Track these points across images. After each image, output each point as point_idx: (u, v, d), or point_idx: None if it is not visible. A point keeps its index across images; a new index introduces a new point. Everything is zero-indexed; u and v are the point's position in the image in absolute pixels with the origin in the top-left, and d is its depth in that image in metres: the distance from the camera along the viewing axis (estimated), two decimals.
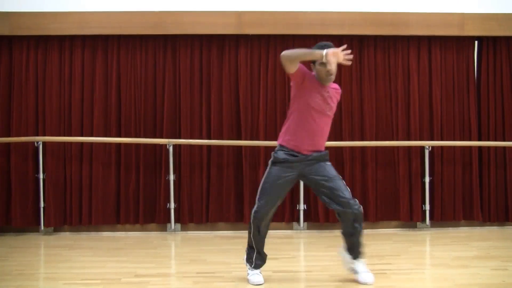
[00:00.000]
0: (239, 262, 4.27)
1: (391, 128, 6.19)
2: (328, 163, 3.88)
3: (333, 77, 3.77)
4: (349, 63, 3.68)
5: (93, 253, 5.05)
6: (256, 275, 3.84)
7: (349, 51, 3.63)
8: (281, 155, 3.79)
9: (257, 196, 3.80)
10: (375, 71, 6.22)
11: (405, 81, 6.24)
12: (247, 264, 3.91)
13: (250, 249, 3.91)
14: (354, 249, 3.85)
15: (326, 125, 3.85)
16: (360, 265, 3.86)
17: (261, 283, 3.80)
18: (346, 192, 3.75)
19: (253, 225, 3.79)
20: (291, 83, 3.82)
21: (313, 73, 3.82)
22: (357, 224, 3.76)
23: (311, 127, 3.76)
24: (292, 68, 3.64)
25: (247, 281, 3.84)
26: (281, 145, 3.83)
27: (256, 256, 3.87)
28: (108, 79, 6.11)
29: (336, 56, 3.55)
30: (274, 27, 6.05)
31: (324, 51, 3.53)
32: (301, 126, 3.76)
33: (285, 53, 3.62)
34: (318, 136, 3.82)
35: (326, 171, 3.80)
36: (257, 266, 3.89)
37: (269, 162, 3.86)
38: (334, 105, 3.85)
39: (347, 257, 3.90)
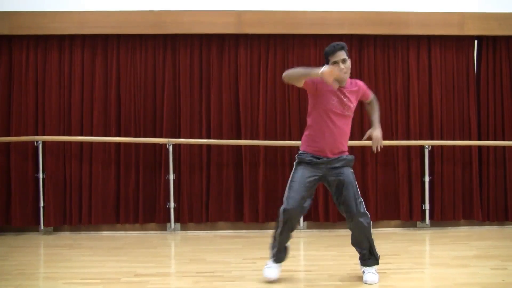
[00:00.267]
0: (239, 262, 4.28)
1: (391, 127, 6.19)
2: (351, 170, 3.91)
3: (346, 76, 3.80)
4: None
5: (93, 252, 5.05)
6: (270, 269, 3.88)
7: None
8: (306, 156, 3.84)
9: (285, 195, 3.82)
10: (375, 70, 6.22)
11: (405, 81, 6.24)
12: (270, 255, 3.95)
13: (273, 242, 3.93)
14: (365, 259, 3.91)
15: (346, 126, 3.88)
16: (368, 268, 3.89)
17: (270, 277, 3.83)
18: (359, 200, 3.80)
19: (281, 223, 3.81)
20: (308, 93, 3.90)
21: None
22: (367, 232, 3.84)
23: (331, 130, 3.80)
24: (299, 84, 3.75)
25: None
26: (304, 151, 3.87)
27: (276, 251, 3.91)
28: (108, 79, 6.10)
29: (331, 74, 3.57)
30: (274, 26, 6.05)
31: (320, 71, 3.56)
32: (321, 131, 3.81)
33: (284, 75, 3.76)
34: (339, 138, 3.85)
35: (347, 178, 3.83)
36: (277, 260, 3.92)
37: (294, 163, 3.90)
38: (352, 105, 3.87)
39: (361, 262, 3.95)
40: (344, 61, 3.76)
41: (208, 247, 5.23)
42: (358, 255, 3.95)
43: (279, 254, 3.92)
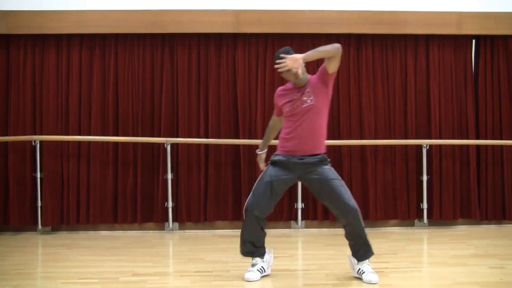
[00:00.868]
0: (237, 261, 4.27)
1: (389, 126, 6.19)
2: (327, 166, 3.88)
3: (300, 77, 3.74)
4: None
5: (91, 252, 5.05)
6: (249, 272, 3.87)
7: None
8: (277, 156, 3.89)
9: (251, 192, 3.87)
10: (373, 70, 6.22)
11: (403, 80, 6.24)
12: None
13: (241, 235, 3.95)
14: (357, 252, 3.87)
15: (313, 122, 3.81)
16: (365, 266, 3.86)
17: (249, 279, 3.82)
18: (345, 196, 3.76)
19: (244, 218, 3.86)
20: None
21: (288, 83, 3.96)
22: (356, 226, 3.79)
23: (297, 131, 3.81)
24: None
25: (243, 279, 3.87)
26: (276, 153, 3.92)
27: (240, 243, 3.93)
28: (106, 78, 6.10)
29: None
30: (272, 26, 6.05)
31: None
32: (288, 133, 3.86)
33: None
34: (309, 137, 3.82)
35: (325, 175, 3.81)
36: (247, 254, 3.93)
37: (268, 163, 3.95)
38: (310, 98, 3.80)
39: (353, 260, 3.91)
40: None
41: (206, 246, 5.23)
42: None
43: (243, 247, 3.93)
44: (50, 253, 5.06)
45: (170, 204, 5.98)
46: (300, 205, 6.02)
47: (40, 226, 5.92)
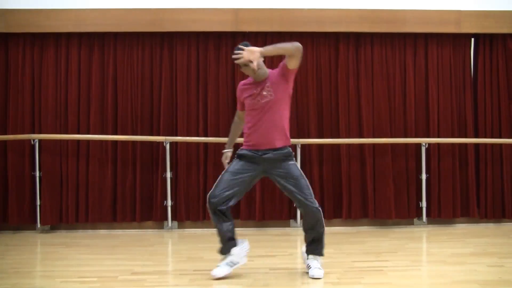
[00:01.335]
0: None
1: (388, 125, 6.19)
2: (292, 162, 3.90)
3: (259, 71, 3.81)
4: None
5: (90, 250, 5.04)
6: (217, 268, 3.89)
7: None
8: (242, 151, 3.93)
9: (214, 184, 3.89)
10: (372, 68, 6.22)
11: (402, 78, 6.24)
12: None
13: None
14: (311, 246, 3.97)
15: (273, 116, 3.82)
16: (313, 261, 3.94)
17: (215, 275, 3.85)
18: (306, 192, 3.82)
19: (210, 213, 3.87)
20: None
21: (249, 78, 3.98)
22: (315, 223, 3.88)
23: (256, 125, 3.85)
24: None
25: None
26: (241, 148, 3.97)
27: (219, 241, 3.94)
28: (105, 77, 6.09)
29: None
30: (271, 24, 6.05)
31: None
32: (249, 127, 3.91)
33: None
34: (270, 131, 3.83)
35: (288, 171, 3.84)
36: (221, 251, 3.94)
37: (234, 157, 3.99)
38: (270, 93, 3.83)
39: (304, 253, 4.01)
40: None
41: (205, 245, 5.23)
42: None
43: (221, 244, 3.93)
44: (49, 252, 5.06)
45: (169, 202, 5.97)
46: None
47: (39, 225, 5.92)
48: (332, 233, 5.78)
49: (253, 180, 3.95)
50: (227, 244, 3.92)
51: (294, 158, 3.95)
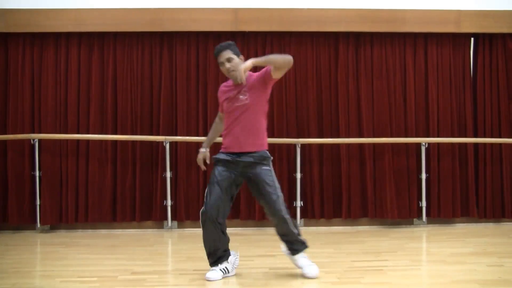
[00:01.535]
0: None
1: (388, 125, 6.19)
2: (266, 167, 3.85)
3: (236, 73, 3.75)
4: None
5: (90, 250, 5.04)
6: (211, 271, 3.85)
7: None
8: (218, 155, 3.89)
9: (205, 197, 3.83)
10: (372, 68, 6.22)
11: (402, 78, 6.25)
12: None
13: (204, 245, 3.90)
14: (291, 245, 3.94)
15: (249, 119, 3.79)
16: (300, 259, 3.91)
17: (209, 278, 3.81)
18: (276, 203, 3.77)
19: (202, 225, 3.80)
20: None
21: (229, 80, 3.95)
22: (286, 231, 3.85)
23: (231, 127, 3.83)
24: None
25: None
26: (220, 152, 3.93)
27: (207, 254, 3.88)
28: (104, 76, 6.09)
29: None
30: (271, 24, 6.04)
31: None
32: (225, 130, 3.89)
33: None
34: (245, 134, 3.80)
35: (260, 176, 3.81)
36: (215, 264, 3.87)
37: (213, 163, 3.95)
38: (246, 96, 3.81)
39: (288, 253, 3.99)
40: (229, 60, 3.79)
41: None
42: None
43: (210, 257, 3.87)
44: (49, 252, 5.06)
45: (169, 202, 5.97)
46: (299, 203, 6.02)
47: (38, 225, 5.92)
48: (332, 233, 5.79)
49: (236, 184, 3.87)
50: (225, 253, 3.91)
51: (270, 164, 3.88)
